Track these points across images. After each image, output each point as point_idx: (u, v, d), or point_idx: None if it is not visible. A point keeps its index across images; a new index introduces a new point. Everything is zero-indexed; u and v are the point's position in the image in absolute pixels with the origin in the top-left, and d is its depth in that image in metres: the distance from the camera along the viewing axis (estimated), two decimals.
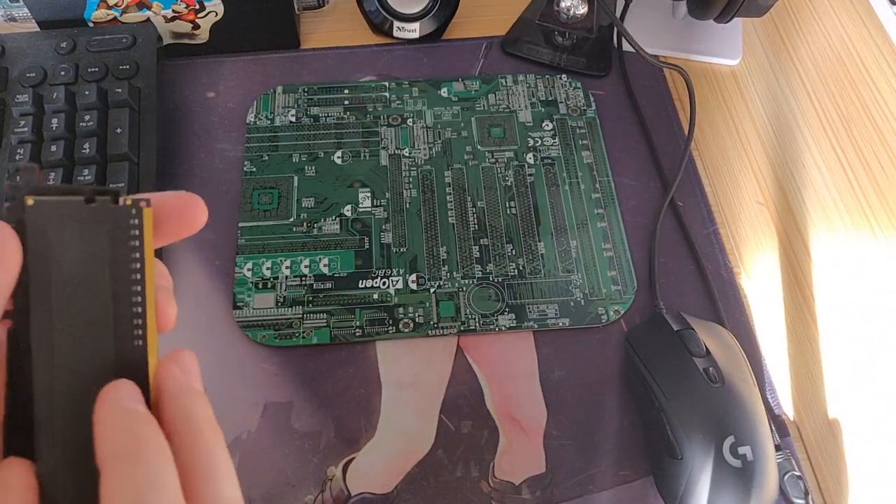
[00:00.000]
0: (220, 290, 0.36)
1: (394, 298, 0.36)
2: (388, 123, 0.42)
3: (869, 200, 0.39)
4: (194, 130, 0.42)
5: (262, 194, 0.39)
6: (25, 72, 0.39)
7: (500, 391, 0.34)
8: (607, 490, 0.32)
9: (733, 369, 0.31)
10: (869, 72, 0.44)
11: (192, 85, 0.44)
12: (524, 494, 0.32)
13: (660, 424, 0.30)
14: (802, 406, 0.34)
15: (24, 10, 0.42)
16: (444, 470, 0.32)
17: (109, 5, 0.42)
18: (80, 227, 0.15)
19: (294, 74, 0.45)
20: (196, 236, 0.38)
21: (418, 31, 0.45)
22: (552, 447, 0.33)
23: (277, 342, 0.35)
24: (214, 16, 0.43)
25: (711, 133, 0.43)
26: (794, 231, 0.39)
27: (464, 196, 0.39)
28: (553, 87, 0.44)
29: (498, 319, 0.36)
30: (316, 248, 0.37)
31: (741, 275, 0.38)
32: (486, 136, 0.42)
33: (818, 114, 0.43)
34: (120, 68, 0.39)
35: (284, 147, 0.41)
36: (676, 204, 0.40)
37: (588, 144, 0.42)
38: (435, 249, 0.38)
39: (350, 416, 0.33)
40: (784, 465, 0.32)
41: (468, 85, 0.44)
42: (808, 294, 0.37)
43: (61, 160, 0.36)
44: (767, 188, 0.41)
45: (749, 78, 0.45)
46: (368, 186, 0.40)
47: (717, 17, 0.42)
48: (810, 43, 0.46)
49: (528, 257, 0.37)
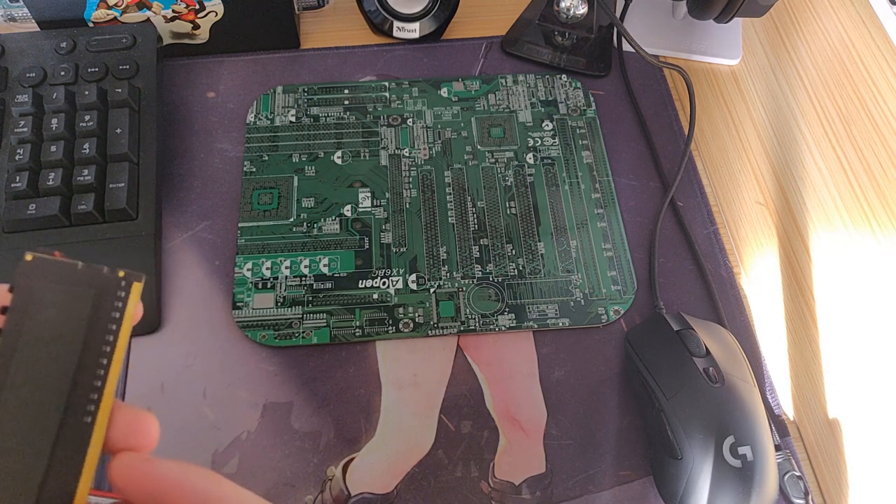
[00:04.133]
0: (220, 290, 0.36)
1: (394, 298, 0.36)
2: (388, 123, 0.42)
3: (869, 200, 0.39)
4: (194, 130, 0.42)
5: (262, 194, 0.39)
6: (25, 72, 0.39)
7: (500, 391, 0.34)
8: (607, 490, 0.32)
9: (733, 369, 0.31)
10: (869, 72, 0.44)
11: (192, 85, 0.44)
12: (524, 494, 0.32)
13: (660, 424, 0.30)
14: (802, 406, 0.34)
15: (24, 10, 0.42)
16: (444, 470, 0.32)
17: (109, 5, 0.42)
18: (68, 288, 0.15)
19: (294, 74, 0.45)
20: (196, 236, 0.38)
21: (418, 31, 0.45)
22: (552, 447, 0.33)
23: (277, 342, 0.35)
24: (214, 16, 0.43)
25: (711, 133, 0.43)
26: (794, 231, 0.39)
27: (464, 196, 0.39)
28: (553, 87, 0.44)
29: (498, 319, 0.36)
30: (316, 248, 0.37)
31: (741, 275, 0.38)
32: (486, 136, 0.42)
33: (818, 114, 0.43)
34: (120, 68, 0.39)
35: (284, 147, 0.41)
36: (676, 204, 0.40)
37: (588, 144, 0.42)
38: (435, 249, 0.38)
39: (350, 416, 0.33)
40: (784, 465, 0.32)
41: (468, 85, 0.44)
42: (808, 294, 0.37)
43: (61, 160, 0.36)
44: (767, 188, 0.41)
45: (749, 78, 0.45)
46: (368, 186, 0.40)
47: (717, 17, 0.42)
48: (810, 43, 0.46)
49: (528, 257, 0.37)
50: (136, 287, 0.16)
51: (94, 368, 0.15)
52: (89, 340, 0.15)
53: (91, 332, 0.16)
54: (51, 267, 0.16)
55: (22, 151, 0.36)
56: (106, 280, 0.16)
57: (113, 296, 0.16)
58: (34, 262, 0.15)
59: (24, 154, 0.36)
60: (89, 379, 0.15)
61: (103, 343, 0.16)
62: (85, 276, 0.16)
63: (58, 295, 0.15)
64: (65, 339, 0.15)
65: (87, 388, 0.15)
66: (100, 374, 0.15)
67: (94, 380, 0.15)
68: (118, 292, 0.16)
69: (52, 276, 0.16)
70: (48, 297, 0.15)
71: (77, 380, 0.15)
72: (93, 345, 0.16)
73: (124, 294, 0.16)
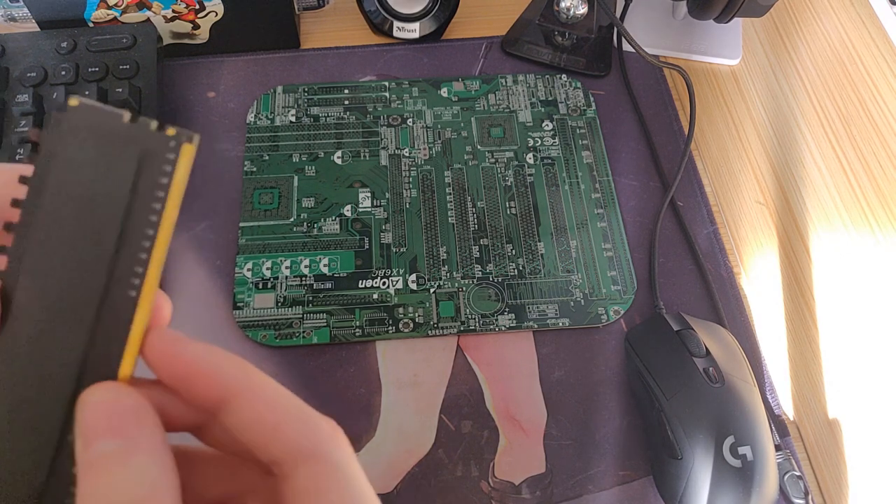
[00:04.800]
0: (221, 291, 0.36)
1: (394, 298, 0.36)
2: (388, 123, 0.42)
3: (869, 200, 0.39)
4: (194, 130, 0.42)
5: (263, 194, 0.39)
6: (26, 72, 0.39)
7: (500, 391, 0.34)
8: (607, 490, 0.32)
9: (733, 369, 0.31)
10: (869, 72, 0.44)
11: (192, 85, 0.44)
12: (524, 494, 0.32)
13: (660, 424, 0.30)
14: (802, 406, 0.34)
15: (24, 10, 0.42)
16: (444, 470, 0.32)
17: (109, 5, 0.42)
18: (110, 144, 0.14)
19: (294, 74, 0.45)
20: (197, 236, 0.38)
21: (418, 31, 0.45)
22: (552, 447, 0.33)
23: (277, 342, 0.35)
24: (214, 16, 0.43)
25: (711, 133, 0.43)
26: (794, 231, 0.39)
27: (464, 196, 0.39)
28: (553, 87, 0.44)
29: (498, 319, 0.36)
30: (316, 248, 0.37)
31: (741, 275, 0.38)
32: (486, 136, 0.42)
33: (818, 114, 0.43)
34: (120, 68, 0.39)
35: (284, 147, 0.41)
36: (676, 204, 0.40)
37: (588, 144, 0.42)
38: (435, 249, 0.38)
39: (350, 416, 0.33)
40: (784, 465, 0.32)
41: (468, 85, 0.44)
42: (808, 294, 0.37)
43: None
44: (767, 188, 0.41)
45: (749, 78, 0.45)
46: (368, 186, 0.40)
47: (717, 17, 0.42)
48: (810, 43, 0.46)
49: (528, 257, 0.37)
50: (186, 148, 0.14)
51: (139, 238, 0.14)
52: (133, 205, 0.14)
53: (135, 196, 0.14)
54: (94, 116, 0.14)
55: (22, 151, 0.36)
56: (153, 137, 0.14)
57: (161, 157, 0.14)
58: (78, 110, 0.14)
59: (25, 154, 0.36)
60: (134, 249, 0.14)
61: (149, 211, 0.14)
62: (129, 132, 0.14)
63: (98, 151, 0.14)
64: (104, 201, 0.14)
65: (131, 259, 0.14)
66: (145, 245, 0.14)
67: (138, 251, 0.14)
68: (167, 153, 0.14)
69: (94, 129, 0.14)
70: (87, 154, 0.14)
71: (120, 248, 0.14)
72: (138, 210, 0.14)
73: (173, 156, 0.14)
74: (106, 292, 0.14)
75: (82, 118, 0.14)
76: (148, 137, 0.14)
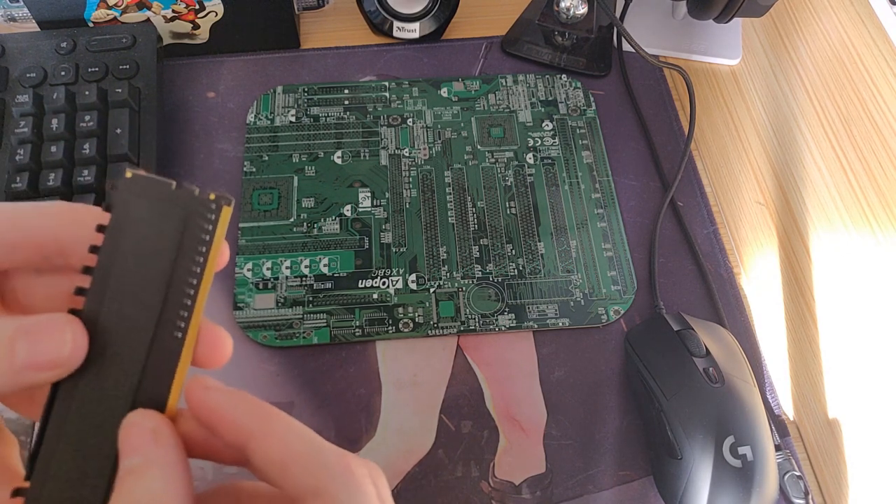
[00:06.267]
0: (221, 291, 0.36)
1: (394, 298, 0.36)
2: (388, 123, 0.42)
3: (869, 200, 0.39)
4: (194, 130, 0.42)
5: (263, 194, 0.39)
6: (26, 72, 0.39)
7: (500, 391, 0.34)
8: (607, 490, 0.32)
9: (733, 369, 0.31)
10: (869, 72, 0.44)
11: (192, 85, 0.44)
12: (524, 494, 0.32)
13: (660, 424, 0.30)
14: (802, 406, 0.34)
15: (24, 10, 0.42)
16: (444, 470, 0.32)
17: (109, 5, 0.42)
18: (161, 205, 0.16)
19: (294, 74, 0.45)
20: None
21: (418, 31, 0.45)
22: (552, 447, 0.33)
23: (278, 342, 0.35)
24: (214, 16, 0.43)
25: (711, 133, 0.43)
26: (794, 231, 0.39)
27: (464, 196, 0.39)
28: (553, 87, 0.44)
29: (498, 319, 0.36)
30: (316, 248, 0.37)
31: (741, 275, 0.38)
32: (486, 136, 0.42)
33: (818, 114, 0.43)
34: (120, 68, 0.39)
35: (284, 147, 0.41)
36: (676, 204, 0.40)
37: (588, 144, 0.42)
38: (435, 249, 0.38)
39: (350, 416, 0.33)
40: (784, 465, 0.32)
41: (468, 85, 0.44)
42: (808, 294, 0.37)
43: (61, 160, 0.36)
44: (767, 188, 0.41)
45: (749, 78, 0.45)
46: (368, 186, 0.40)
47: (717, 17, 0.42)
48: (810, 43, 0.46)
49: (528, 257, 0.37)
50: (225, 210, 0.16)
51: (184, 287, 0.16)
52: (179, 259, 0.16)
53: (181, 251, 0.16)
54: (147, 184, 0.16)
55: (22, 152, 0.36)
56: (196, 201, 0.16)
57: (203, 217, 0.16)
58: (133, 180, 0.16)
59: (25, 154, 0.36)
60: (179, 297, 0.16)
61: (193, 263, 0.16)
62: (176, 196, 0.16)
63: (151, 212, 0.16)
64: (156, 256, 0.16)
65: (177, 305, 0.16)
66: (189, 292, 0.16)
67: (184, 298, 0.16)
68: (208, 214, 0.16)
69: (147, 194, 0.16)
70: (143, 215, 0.16)
71: (168, 296, 0.16)
72: (183, 263, 0.16)
73: (214, 217, 0.16)
74: (156, 334, 0.16)
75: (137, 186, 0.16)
76: (191, 201, 0.16)
